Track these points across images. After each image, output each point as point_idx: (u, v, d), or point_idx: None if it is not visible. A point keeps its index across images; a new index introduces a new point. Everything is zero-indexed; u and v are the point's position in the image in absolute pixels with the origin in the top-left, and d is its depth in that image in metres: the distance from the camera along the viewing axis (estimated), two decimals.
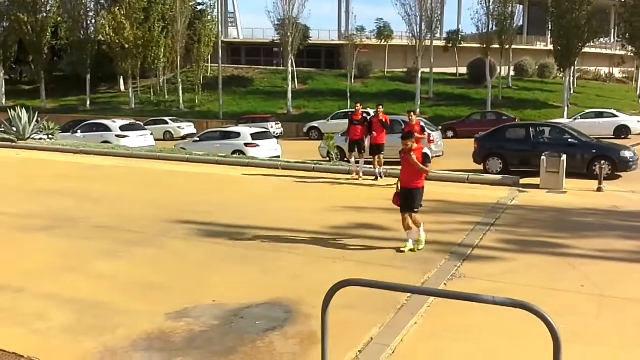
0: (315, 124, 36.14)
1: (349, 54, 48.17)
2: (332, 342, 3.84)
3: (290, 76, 45.50)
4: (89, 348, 5.05)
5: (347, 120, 15.41)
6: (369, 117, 14.43)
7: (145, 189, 13.12)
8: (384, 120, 14.00)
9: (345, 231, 9.04)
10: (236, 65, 56.14)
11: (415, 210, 7.85)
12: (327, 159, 18.17)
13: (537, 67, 54.67)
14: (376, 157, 13.98)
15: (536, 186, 12.92)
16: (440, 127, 28.07)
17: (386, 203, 9.03)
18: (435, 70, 47.77)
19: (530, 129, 17.31)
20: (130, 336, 5.26)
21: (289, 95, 44.66)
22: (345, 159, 18.60)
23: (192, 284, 6.65)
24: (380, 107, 14.28)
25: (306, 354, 4.93)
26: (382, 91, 48.07)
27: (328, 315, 3.46)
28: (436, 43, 48.65)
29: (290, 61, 46.35)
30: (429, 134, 20.53)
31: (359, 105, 14.62)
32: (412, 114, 13.69)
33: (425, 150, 7.94)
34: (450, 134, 32.35)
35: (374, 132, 13.82)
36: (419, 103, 42.68)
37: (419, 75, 43.97)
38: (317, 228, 9.21)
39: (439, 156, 21.04)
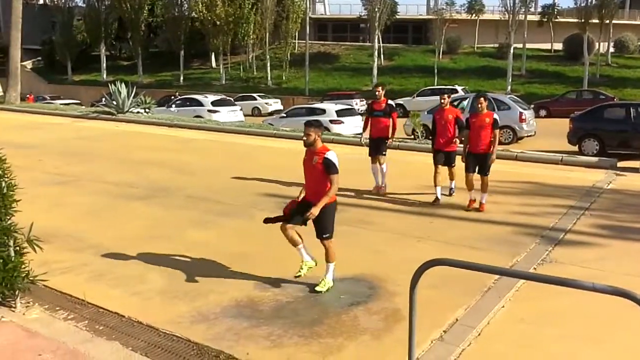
0: (400, 101, 35.63)
1: (437, 29, 47.03)
2: (416, 321, 3.84)
3: (376, 52, 45.06)
4: (183, 312, 5.34)
5: (434, 97, 14.72)
6: (391, 105, 10.28)
7: (235, 163, 13.52)
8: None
9: (431, 210, 8.94)
10: (322, 42, 56.23)
11: (325, 236, 5.75)
12: (412, 136, 17.94)
13: (639, 43, 50.91)
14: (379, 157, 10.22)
15: (635, 170, 12.16)
16: (532, 106, 26.88)
17: (476, 183, 8.85)
18: (528, 46, 45.65)
19: (631, 109, 16.22)
20: (220, 302, 5.50)
21: (375, 71, 44.28)
22: (431, 137, 18.25)
23: (278, 256, 6.81)
24: (379, 88, 10.27)
25: (390, 330, 4.96)
26: (471, 67, 46.63)
27: (416, 294, 3.46)
28: (530, 17, 46.46)
29: (376, 37, 45.86)
30: (521, 113, 19.80)
31: (380, 88, 10.18)
32: (380, 88, 10.16)
33: (330, 156, 5.62)
34: (543, 113, 30.96)
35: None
36: (510, 80, 41.07)
37: (511, 51, 42.21)
38: (402, 206, 9.17)
39: (530, 136, 20.24)
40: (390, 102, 10.27)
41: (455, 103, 19.90)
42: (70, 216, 8.57)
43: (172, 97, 32.60)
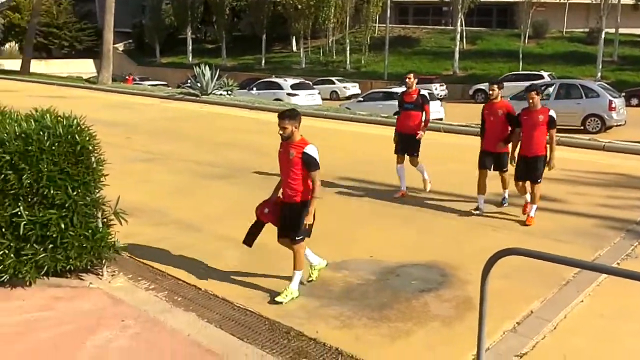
0: (482, 86, 34.64)
1: (524, 12, 45.04)
2: (488, 311, 3.77)
3: (458, 36, 43.86)
4: (256, 287, 5.50)
5: (518, 83, 13.99)
6: (423, 97, 8.81)
7: None
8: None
9: (511, 199, 8.68)
10: (403, 25, 55.36)
11: (298, 238, 5.16)
12: None
13: None
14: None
15: None
16: (623, 94, 25.36)
17: (559, 173, 8.51)
18: (621, 30, 42.90)
19: None
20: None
21: (456, 55, 43.15)
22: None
23: (350, 238, 6.87)
24: (410, 76, 8.87)
25: (461, 318, 4.90)
26: (559, 53, 44.49)
27: (488, 282, 3.40)
28: (624, 0, 43.55)
29: (459, 20, 44.61)
30: (611, 101, 18.77)
31: (411, 76, 8.83)
32: (411, 76, 8.85)
33: (309, 150, 5.03)
34: (634, 101, 29.18)
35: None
36: (600, 67, 38.84)
37: (602, 36, 39.82)
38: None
39: (620, 125, 19.16)
40: (423, 92, 8.84)
41: (541, 89, 19.15)
42: (155, 192, 8.98)
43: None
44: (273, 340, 4.54)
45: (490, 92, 7.88)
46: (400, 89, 23.44)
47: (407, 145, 8.70)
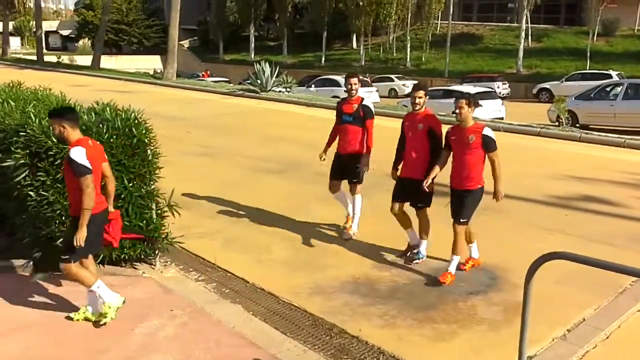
0: (546, 85, 33.49)
1: (593, 9, 43.18)
2: (537, 316, 3.67)
3: (523, 33, 42.52)
4: (302, 283, 5.55)
5: (585, 82, 13.34)
6: (363, 106, 6.61)
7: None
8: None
9: (566, 202, 8.39)
10: (466, 22, 54.21)
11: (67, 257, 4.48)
12: (556, 123, 16.86)
13: None
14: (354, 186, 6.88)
15: None
16: None
17: (621, 175, 8.16)
18: None
19: None
20: (339, 277, 5.64)
21: (520, 53, 41.84)
22: (577, 125, 16.98)
23: (399, 237, 6.80)
24: (352, 80, 6.60)
25: (510, 323, 4.78)
26: (629, 51, 42.37)
27: (532, 287, 3.31)
28: None
29: (524, 17, 43.26)
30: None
31: (354, 80, 6.59)
32: (355, 80, 6.60)
33: (73, 153, 4.28)
34: None
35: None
36: None
37: None
38: (534, 195, 8.69)
39: None
40: (366, 102, 6.61)
41: (608, 89, 18.34)
42: (209, 186, 9.19)
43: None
44: (315, 336, 4.58)
45: (413, 100, 5.93)
46: (460, 87, 23.06)
47: (342, 167, 6.70)
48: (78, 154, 4.28)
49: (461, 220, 5.58)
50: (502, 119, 19.47)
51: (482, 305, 5.15)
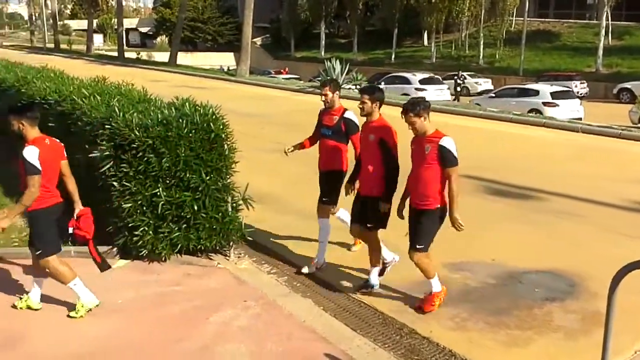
0: (628, 85, 31.84)
1: None
2: (618, 326, 3.50)
3: (603, 30, 40.56)
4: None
5: None
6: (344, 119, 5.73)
7: None
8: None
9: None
10: (542, 19, 52.30)
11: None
12: (639, 125, 16.03)
13: None
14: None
15: None
16: None
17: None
18: None
19: None
20: (409, 278, 5.55)
21: (600, 51, 39.95)
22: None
23: (471, 239, 6.65)
24: (326, 89, 5.81)
25: (588, 333, 4.61)
26: None
27: (616, 296, 3.17)
28: None
29: (605, 13, 41.26)
30: None
31: (328, 89, 5.75)
32: (327, 89, 5.75)
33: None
34: None
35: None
36: None
37: None
38: (615, 200, 8.30)
39: None
40: (348, 115, 5.70)
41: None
42: (283, 181, 9.32)
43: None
44: (386, 335, 4.57)
45: (360, 105, 5.16)
46: (536, 86, 22.33)
47: (322, 187, 5.89)
48: (30, 154, 4.39)
49: (417, 246, 4.75)
50: (580, 119, 18.73)
51: (558, 312, 4.99)
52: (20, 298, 4.91)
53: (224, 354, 4.22)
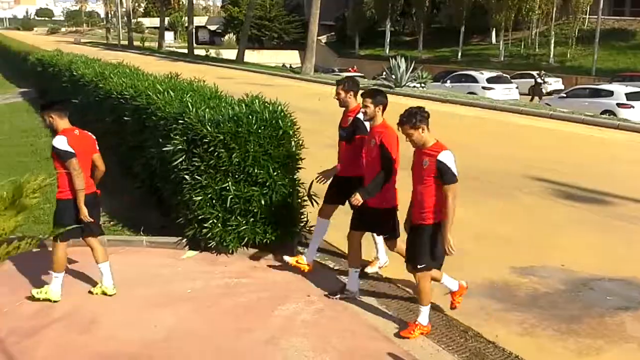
0: None
1: None
2: None
3: None
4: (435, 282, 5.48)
5: None
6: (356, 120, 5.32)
7: (503, 142, 13.09)
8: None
9: None
10: (618, 17, 49.96)
11: None
12: None
13: None
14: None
15: None
16: None
17: None
18: None
19: None
20: (474, 280, 5.48)
21: None
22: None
23: (541, 243, 6.50)
24: (340, 88, 5.56)
25: None
26: None
27: None
28: None
29: None
30: None
31: (340, 89, 5.54)
32: (341, 87, 5.51)
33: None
34: None
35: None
36: None
37: None
38: None
39: None
40: (359, 115, 5.15)
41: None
42: None
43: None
44: (450, 337, 4.52)
45: (362, 110, 4.95)
46: (610, 86, 21.36)
47: (338, 190, 5.42)
48: (60, 142, 4.68)
49: (418, 266, 4.46)
50: None
51: (632, 322, 4.79)
52: (95, 285, 5.15)
53: (289, 348, 4.29)
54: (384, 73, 26.09)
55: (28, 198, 2.80)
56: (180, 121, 5.85)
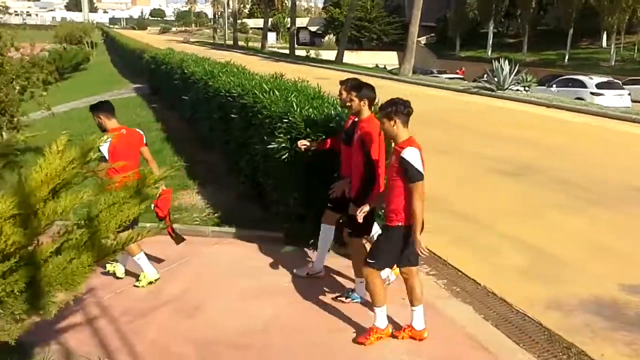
0: None
1: None
2: None
3: None
4: (537, 294, 5.30)
5: None
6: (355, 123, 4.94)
7: (614, 151, 12.35)
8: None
9: None
10: None
11: None
12: None
13: None
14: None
15: None
16: None
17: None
18: None
19: None
20: (579, 295, 5.26)
21: None
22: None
23: None
24: (342, 88, 5.09)
25: None
26: None
27: None
28: None
29: None
30: None
31: (342, 89, 5.05)
32: (343, 87, 5.02)
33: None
34: None
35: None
36: None
37: None
38: None
39: None
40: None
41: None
42: (442, 182, 9.15)
43: None
44: (551, 353, 4.35)
45: (348, 103, 4.83)
46: None
47: (342, 195, 5.04)
48: (103, 148, 4.64)
49: (368, 259, 4.25)
50: None
51: None
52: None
53: (383, 350, 4.31)
54: (486, 75, 25.35)
55: (150, 188, 3.01)
56: (285, 120, 6.00)
